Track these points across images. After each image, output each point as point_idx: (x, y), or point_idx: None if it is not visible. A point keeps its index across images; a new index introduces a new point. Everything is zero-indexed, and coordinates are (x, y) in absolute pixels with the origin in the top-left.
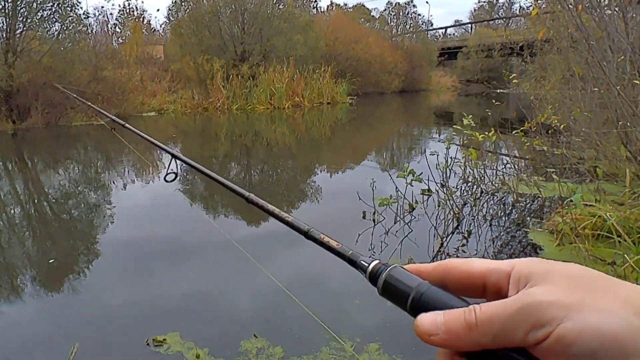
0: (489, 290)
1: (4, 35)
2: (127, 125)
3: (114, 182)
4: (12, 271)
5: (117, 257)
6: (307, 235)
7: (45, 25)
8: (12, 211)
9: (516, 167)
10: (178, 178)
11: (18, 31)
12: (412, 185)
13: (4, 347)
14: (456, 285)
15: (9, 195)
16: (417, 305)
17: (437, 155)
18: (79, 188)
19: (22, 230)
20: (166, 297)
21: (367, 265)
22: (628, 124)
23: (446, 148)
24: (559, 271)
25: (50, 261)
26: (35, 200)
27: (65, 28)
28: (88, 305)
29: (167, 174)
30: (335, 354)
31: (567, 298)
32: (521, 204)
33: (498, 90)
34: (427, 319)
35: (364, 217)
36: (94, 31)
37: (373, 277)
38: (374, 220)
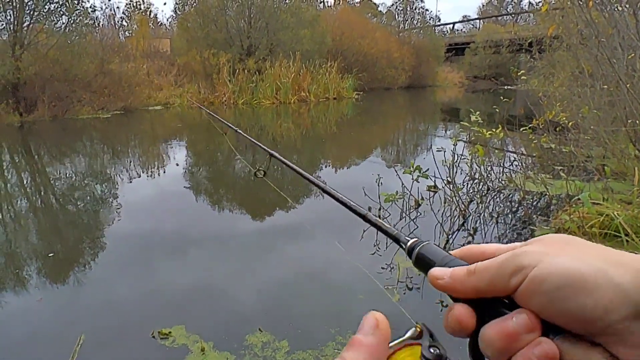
0: None
1: (12, 28)
2: (238, 130)
3: (120, 176)
4: (19, 263)
5: (123, 249)
6: (365, 218)
7: (52, 19)
8: (19, 203)
9: (523, 164)
10: (266, 174)
11: (25, 24)
12: (418, 182)
13: (11, 338)
14: (471, 262)
15: (15, 187)
16: None
17: (444, 152)
18: (85, 180)
19: (28, 221)
20: (172, 290)
21: (407, 241)
22: (637, 122)
23: (453, 144)
24: (551, 236)
25: (50, 255)
26: (41, 192)
27: (72, 21)
28: (94, 297)
29: (257, 170)
30: (340, 349)
31: (546, 249)
32: (528, 201)
33: (505, 87)
34: (439, 269)
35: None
36: (100, 24)
37: (410, 251)
38: (379, 216)
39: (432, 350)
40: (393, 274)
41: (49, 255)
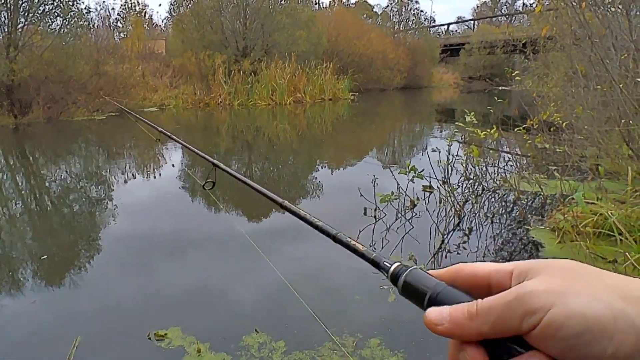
0: (493, 289)
1: (6, 30)
2: (172, 136)
3: (115, 177)
4: (14, 265)
5: (118, 251)
6: (335, 239)
7: (47, 20)
8: (14, 205)
9: (518, 164)
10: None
11: (20, 25)
12: (413, 182)
13: (6, 341)
14: (464, 286)
15: (10, 189)
16: (433, 303)
17: (439, 152)
18: (80, 182)
19: (24, 224)
20: (168, 291)
21: (389, 266)
22: (630, 122)
23: (448, 145)
24: (554, 265)
25: (43, 257)
26: (37, 195)
27: (67, 23)
28: (90, 299)
29: (206, 182)
30: (337, 349)
31: (557, 286)
32: (522, 201)
33: (500, 87)
34: (435, 311)
35: (365, 214)
36: (95, 26)
37: (394, 278)
38: (375, 217)
39: None
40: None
41: (42, 257)
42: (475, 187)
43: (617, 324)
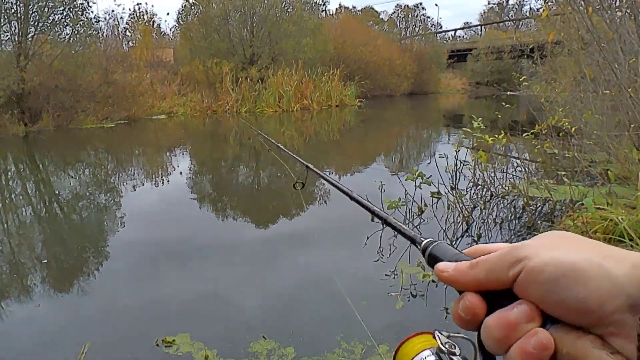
0: None
1: (16, 39)
2: (280, 145)
3: (123, 184)
4: (23, 271)
5: (128, 258)
6: (385, 221)
7: (56, 29)
8: (24, 212)
9: (526, 170)
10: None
11: (30, 35)
12: (421, 188)
13: (16, 346)
14: None
15: (20, 196)
16: None
17: (447, 158)
18: (89, 190)
19: (33, 231)
20: (176, 298)
21: (422, 241)
22: None
23: (456, 151)
24: (549, 233)
25: (44, 262)
26: (46, 202)
27: (76, 32)
28: (99, 305)
29: (296, 182)
30: (347, 356)
31: (544, 243)
32: (531, 207)
33: (508, 93)
34: (444, 263)
35: (372, 220)
36: (104, 35)
37: (424, 251)
38: (382, 223)
39: (447, 346)
40: (397, 281)
41: (44, 261)
42: (484, 193)
43: (592, 272)
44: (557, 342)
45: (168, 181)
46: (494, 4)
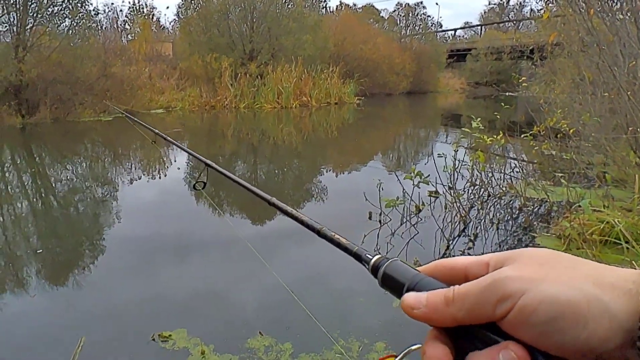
0: (470, 280)
1: (15, 30)
2: (168, 138)
3: (120, 178)
4: (18, 265)
5: (124, 253)
6: (319, 233)
7: (55, 21)
8: (20, 205)
9: (524, 170)
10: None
11: (28, 26)
12: (419, 187)
13: (11, 340)
14: (443, 279)
15: (16, 189)
16: None
17: (445, 158)
18: (85, 183)
19: (28, 224)
20: (172, 294)
21: (370, 258)
22: (638, 129)
23: (454, 150)
24: (530, 253)
25: (39, 252)
26: (42, 194)
27: (75, 24)
28: (95, 300)
29: (196, 182)
30: (344, 353)
31: (532, 274)
32: (528, 208)
33: (507, 93)
34: (412, 296)
35: (370, 218)
36: (103, 28)
37: (375, 270)
38: (380, 221)
39: None
40: None
41: (38, 251)
42: (481, 193)
43: (591, 310)
44: None
45: (165, 175)
46: (494, 4)
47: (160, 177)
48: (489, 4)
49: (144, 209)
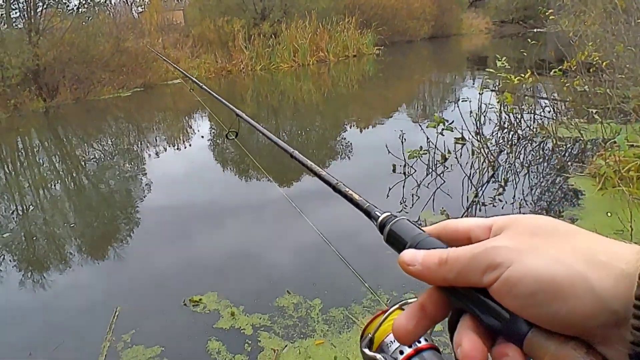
0: (473, 242)
1: (26, 15)
2: (203, 85)
3: (146, 151)
4: (57, 241)
5: (153, 223)
6: (334, 188)
7: (63, 1)
8: (54, 186)
9: (555, 109)
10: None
11: (38, 10)
12: (443, 135)
13: (51, 311)
14: (448, 240)
15: (48, 171)
16: None
17: (470, 102)
18: (114, 159)
19: (63, 202)
20: (202, 258)
21: (378, 216)
22: None
23: (479, 93)
24: (525, 221)
25: (72, 225)
26: (73, 174)
27: (84, 2)
28: (129, 270)
29: (229, 131)
30: (373, 305)
31: (522, 244)
32: (561, 148)
33: (535, 30)
34: (410, 252)
35: (394, 171)
36: (112, 2)
37: (382, 227)
38: (404, 173)
39: None
40: None
41: (71, 225)
42: (510, 136)
43: (573, 287)
44: (536, 349)
45: (190, 145)
46: None
47: (185, 147)
48: None
49: (171, 178)
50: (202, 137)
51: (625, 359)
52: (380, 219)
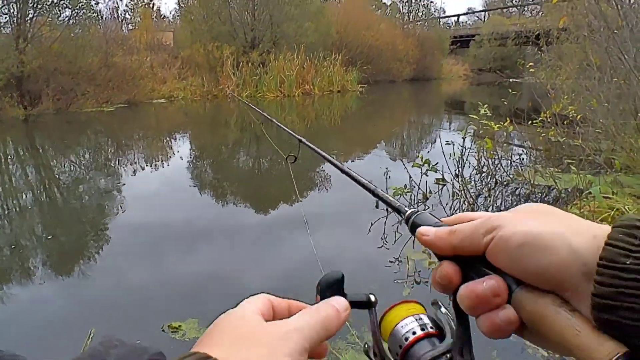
0: None
1: (15, 21)
2: (274, 120)
3: (124, 168)
4: (26, 256)
5: (130, 243)
6: (373, 193)
7: (55, 11)
8: (24, 196)
9: (531, 157)
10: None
11: (29, 17)
12: (427, 175)
13: (21, 332)
14: None
15: (20, 180)
16: None
17: (453, 145)
18: (89, 173)
19: (33, 215)
20: (181, 283)
21: (406, 211)
22: None
23: (462, 138)
24: (527, 205)
25: (49, 237)
26: (46, 186)
27: (75, 14)
28: (103, 291)
29: (288, 156)
30: (355, 342)
31: (517, 215)
32: (536, 195)
33: (510, 80)
34: (426, 227)
35: (376, 207)
36: (104, 17)
37: (407, 220)
38: (387, 210)
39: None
40: (401, 268)
41: (48, 237)
42: (489, 180)
43: (553, 241)
44: (521, 302)
45: (168, 165)
46: None
47: (163, 167)
48: None
49: (147, 197)
50: (182, 158)
51: (589, 309)
52: (407, 213)
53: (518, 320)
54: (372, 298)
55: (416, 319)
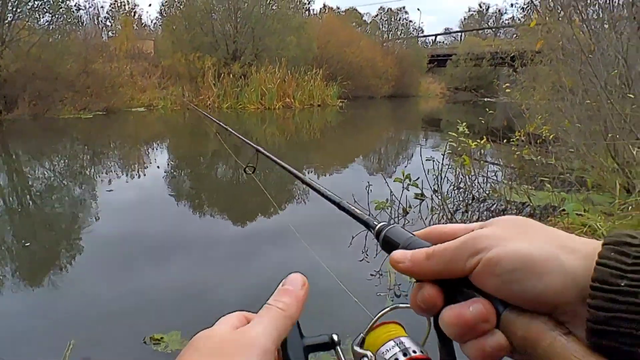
0: None
1: None
2: (229, 129)
3: (99, 177)
4: (2, 266)
5: (107, 253)
6: (339, 206)
7: (35, 16)
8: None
9: (505, 174)
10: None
11: (7, 20)
12: (408, 190)
13: None
14: (434, 243)
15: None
16: None
17: (433, 161)
18: (65, 181)
19: (4, 223)
20: (161, 294)
21: (375, 225)
22: (617, 136)
23: (442, 155)
24: (507, 219)
25: (26, 245)
26: (18, 193)
27: (55, 19)
28: (83, 302)
29: (247, 166)
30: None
31: (502, 234)
32: (511, 211)
33: (485, 99)
34: (399, 252)
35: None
36: (84, 24)
37: (378, 235)
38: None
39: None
40: (383, 281)
41: (26, 244)
42: (466, 195)
43: (547, 265)
44: (511, 325)
45: (144, 175)
46: (474, 11)
47: (139, 176)
48: (469, 11)
49: (122, 208)
50: (158, 167)
51: (584, 334)
52: (377, 227)
53: (509, 345)
54: (335, 338)
55: (397, 344)
